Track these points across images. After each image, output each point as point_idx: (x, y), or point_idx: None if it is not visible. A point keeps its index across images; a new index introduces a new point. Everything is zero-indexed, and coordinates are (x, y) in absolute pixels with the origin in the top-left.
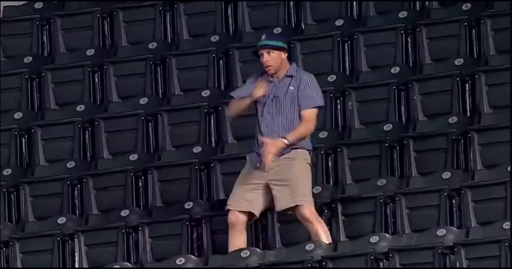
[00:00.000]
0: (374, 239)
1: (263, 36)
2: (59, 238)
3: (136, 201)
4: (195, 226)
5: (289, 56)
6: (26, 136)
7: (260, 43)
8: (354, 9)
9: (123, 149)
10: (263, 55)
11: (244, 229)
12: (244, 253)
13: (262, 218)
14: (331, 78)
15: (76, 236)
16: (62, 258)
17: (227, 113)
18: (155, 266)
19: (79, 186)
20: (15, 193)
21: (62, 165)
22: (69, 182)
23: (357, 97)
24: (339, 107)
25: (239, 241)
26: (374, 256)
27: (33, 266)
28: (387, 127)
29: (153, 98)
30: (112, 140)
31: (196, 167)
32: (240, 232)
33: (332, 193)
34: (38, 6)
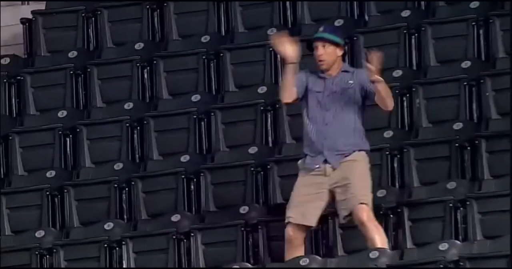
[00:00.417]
0: (443, 247)
1: (321, 28)
2: (106, 245)
3: (188, 206)
4: (251, 232)
5: (351, 50)
6: (70, 136)
7: (316, 35)
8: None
9: (174, 149)
10: (318, 48)
11: (302, 244)
12: (303, 261)
13: (322, 224)
14: (397, 73)
15: (124, 242)
16: (109, 266)
17: (282, 100)
18: None
19: (127, 189)
20: (59, 196)
21: (109, 167)
22: (116, 185)
23: (424, 93)
24: (406, 104)
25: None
26: (443, 265)
27: None
28: (457, 126)
29: (205, 95)
30: (162, 140)
31: (251, 169)
32: (297, 247)
33: (398, 196)
34: None
